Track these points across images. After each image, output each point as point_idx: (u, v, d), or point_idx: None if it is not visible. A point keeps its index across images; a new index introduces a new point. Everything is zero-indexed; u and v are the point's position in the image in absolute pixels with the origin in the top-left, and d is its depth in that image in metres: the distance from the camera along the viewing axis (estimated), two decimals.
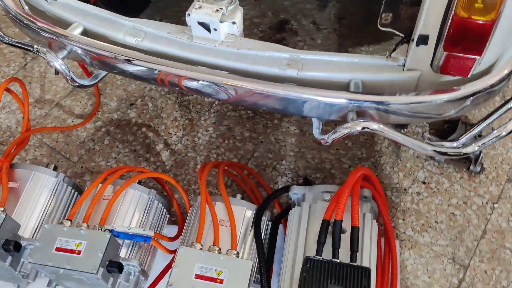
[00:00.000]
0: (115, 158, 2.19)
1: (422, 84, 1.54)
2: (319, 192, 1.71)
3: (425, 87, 1.54)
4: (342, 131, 1.45)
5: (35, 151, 2.22)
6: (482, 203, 2.03)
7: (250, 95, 1.47)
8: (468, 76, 1.44)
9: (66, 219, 1.58)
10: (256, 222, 1.65)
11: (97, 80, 1.75)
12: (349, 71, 1.48)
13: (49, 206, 1.75)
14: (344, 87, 1.48)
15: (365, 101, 1.39)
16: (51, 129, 2.22)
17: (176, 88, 1.58)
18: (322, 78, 1.47)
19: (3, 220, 1.52)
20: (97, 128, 2.28)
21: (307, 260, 1.45)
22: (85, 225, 1.55)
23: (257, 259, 1.60)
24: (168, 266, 1.74)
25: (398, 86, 1.51)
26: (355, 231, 1.54)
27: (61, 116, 2.33)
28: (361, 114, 1.47)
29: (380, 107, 1.42)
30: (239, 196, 1.79)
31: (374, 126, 1.44)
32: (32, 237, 1.67)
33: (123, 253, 1.61)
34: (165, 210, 1.84)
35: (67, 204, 1.81)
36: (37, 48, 1.61)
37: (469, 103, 1.51)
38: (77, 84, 1.68)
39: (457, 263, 1.89)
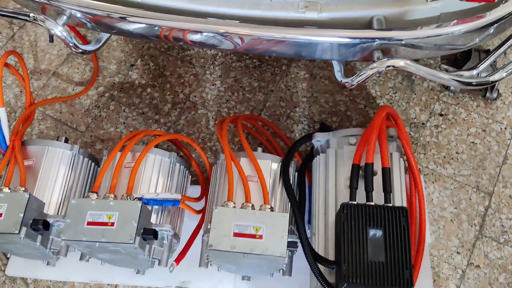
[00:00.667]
0: (124, 123, 2.12)
1: (444, 15, 1.47)
2: (343, 136, 1.68)
3: (447, 18, 1.48)
4: (368, 72, 1.40)
5: (39, 124, 2.14)
6: (501, 129, 2.01)
7: (270, 42, 1.40)
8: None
9: (92, 191, 1.54)
10: (284, 174, 1.62)
11: (100, 44, 1.65)
12: (370, 7, 1.40)
13: (69, 180, 1.70)
14: (366, 25, 1.41)
15: (393, 38, 1.33)
16: (54, 100, 2.13)
17: (188, 44, 1.50)
18: (343, 18, 1.40)
19: (28, 200, 1.48)
20: (100, 94, 2.20)
21: (343, 206, 1.43)
22: (113, 196, 1.51)
23: (291, 210, 1.58)
24: (198, 227, 1.72)
25: (421, 19, 1.45)
26: (386, 172, 1.52)
27: (60, 85, 2.24)
28: (386, 51, 1.41)
29: (406, 42, 1.36)
30: (260, 149, 1.75)
31: (401, 63, 1.39)
32: (57, 213, 1.63)
33: (153, 219, 1.59)
34: (187, 171, 1.80)
35: (86, 176, 1.76)
36: (34, 17, 1.50)
37: (492, 30, 1.46)
38: (81, 50, 1.59)
39: (481, 191, 1.90)
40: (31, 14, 1.51)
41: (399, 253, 1.36)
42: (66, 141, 1.81)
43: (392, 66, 1.39)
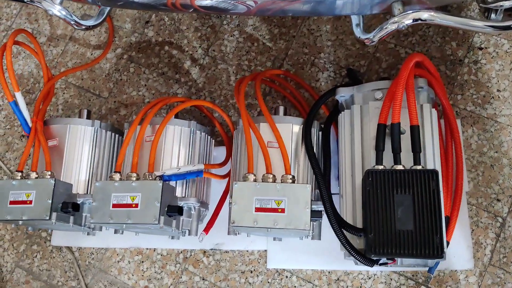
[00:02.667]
0: (145, 85, 2.08)
1: None
2: (369, 91, 1.57)
3: None
4: (389, 27, 1.28)
5: (64, 93, 2.14)
6: None
7: (284, 2, 1.28)
8: None
9: (115, 171, 1.55)
10: (307, 139, 1.55)
11: (104, 16, 1.57)
12: None
13: (94, 156, 1.71)
14: None
15: None
16: (73, 71, 2.10)
17: (198, 11, 1.40)
18: None
19: (54, 186, 1.51)
20: (118, 56, 2.14)
21: (368, 173, 1.37)
22: (135, 175, 1.52)
23: (314, 176, 1.53)
24: (225, 192, 1.72)
25: None
26: (415, 130, 1.42)
27: (79, 50, 2.20)
28: (407, 3, 1.26)
29: None
30: (281, 109, 1.67)
31: (425, 15, 1.25)
32: (87, 192, 1.66)
33: (179, 192, 1.59)
34: (209, 137, 1.76)
35: (110, 150, 1.76)
36: None
37: None
38: (84, 27, 1.53)
39: None
40: None
41: (429, 219, 1.31)
42: (89, 113, 1.81)
43: (419, 19, 1.25)
